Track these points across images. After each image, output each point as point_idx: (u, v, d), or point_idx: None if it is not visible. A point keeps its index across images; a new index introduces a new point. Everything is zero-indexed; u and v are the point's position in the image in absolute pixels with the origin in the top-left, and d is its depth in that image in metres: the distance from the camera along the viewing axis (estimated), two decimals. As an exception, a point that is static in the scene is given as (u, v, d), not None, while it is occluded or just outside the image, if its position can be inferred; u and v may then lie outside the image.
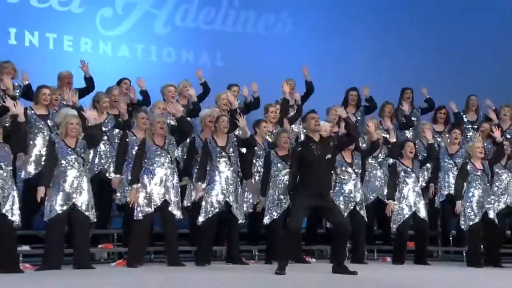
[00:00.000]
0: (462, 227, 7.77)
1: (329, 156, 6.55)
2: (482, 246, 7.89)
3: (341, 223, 6.59)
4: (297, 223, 6.56)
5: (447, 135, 8.90)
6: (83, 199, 6.67)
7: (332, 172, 7.17)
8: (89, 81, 8.25)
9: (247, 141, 7.57)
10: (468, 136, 8.98)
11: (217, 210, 7.18)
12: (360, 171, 7.88)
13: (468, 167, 7.75)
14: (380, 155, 8.42)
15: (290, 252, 6.84)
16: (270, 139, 8.05)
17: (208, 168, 7.33)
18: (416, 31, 11.21)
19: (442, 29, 11.33)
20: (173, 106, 7.58)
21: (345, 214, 7.50)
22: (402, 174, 7.91)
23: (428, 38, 11.26)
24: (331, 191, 7.13)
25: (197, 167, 7.41)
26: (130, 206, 6.99)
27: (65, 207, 6.60)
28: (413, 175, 7.95)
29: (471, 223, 7.63)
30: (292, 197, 6.69)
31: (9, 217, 6.33)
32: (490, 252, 7.81)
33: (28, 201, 7.08)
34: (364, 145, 8.51)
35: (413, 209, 7.83)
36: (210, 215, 7.18)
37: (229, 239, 7.49)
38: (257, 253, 7.97)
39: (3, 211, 6.31)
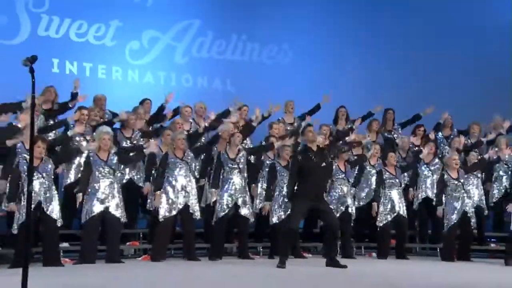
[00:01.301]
0: (445, 228, 7.71)
1: (324, 164, 6.59)
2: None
3: (333, 224, 6.58)
4: (296, 223, 6.58)
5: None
6: (114, 203, 6.70)
7: (329, 178, 7.17)
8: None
9: (259, 149, 7.77)
10: (444, 151, 8.94)
11: (227, 211, 7.20)
12: (351, 179, 7.92)
13: (445, 177, 7.77)
14: (377, 164, 8.42)
15: (290, 249, 6.85)
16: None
17: (221, 176, 7.36)
18: (401, 57, 11.08)
19: (429, 54, 11.14)
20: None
21: (338, 214, 7.52)
22: (387, 180, 7.93)
23: (411, 64, 11.10)
24: (325, 195, 7.16)
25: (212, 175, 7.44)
26: (153, 208, 7.04)
27: (99, 210, 6.64)
28: (397, 180, 7.96)
29: (450, 224, 7.62)
30: (293, 200, 6.71)
31: (53, 218, 6.39)
32: (463, 248, 7.79)
33: (68, 205, 7.10)
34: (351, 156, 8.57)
35: (396, 210, 7.84)
36: (221, 216, 7.20)
37: (240, 238, 7.49)
38: (261, 249, 7.95)
39: (48, 212, 6.37)
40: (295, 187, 6.58)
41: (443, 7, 11.06)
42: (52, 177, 6.57)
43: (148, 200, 7.53)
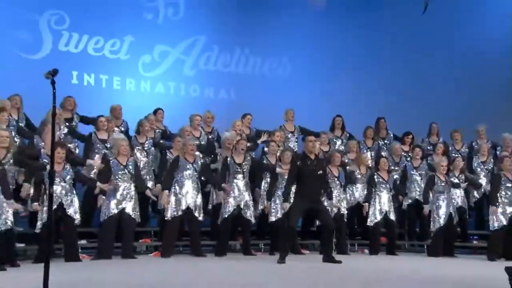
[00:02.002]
0: (432, 229, 7.70)
1: (320, 172, 6.64)
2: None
3: (329, 223, 6.63)
4: (295, 222, 6.61)
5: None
6: (131, 205, 6.74)
7: (324, 183, 7.16)
8: None
9: (262, 166, 7.72)
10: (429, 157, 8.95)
11: (231, 212, 7.21)
12: (343, 183, 7.94)
13: (435, 179, 7.76)
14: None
15: (289, 246, 6.85)
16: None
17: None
18: (392, 69, 10.99)
19: (421, 66, 11.00)
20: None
21: (332, 215, 7.51)
22: (379, 184, 7.93)
23: (402, 75, 11.00)
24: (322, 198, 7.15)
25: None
26: (163, 207, 7.04)
27: (116, 211, 6.67)
28: (388, 185, 7.96)
29: (438, 225, 7.62)
30: (292, 200, 6.71)
31: (72, 218, 6.41)
32: (448, 245, 7.79)
33: (87, 205, 7.13)
34: (347, 160, 8.52)
35: (384, 212, 7.83)
36: (225, 216, 7.21)
37: (243, 236, 7.50)
38: (263, 246, 7.96)
39: (69, 213, 6.39)
40: (293, 189, 6.62)
41: (435, 22, 10.94)
42: (72, 181, 6.59)
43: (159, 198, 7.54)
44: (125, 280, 5.14)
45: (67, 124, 7.60)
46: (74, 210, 6.42)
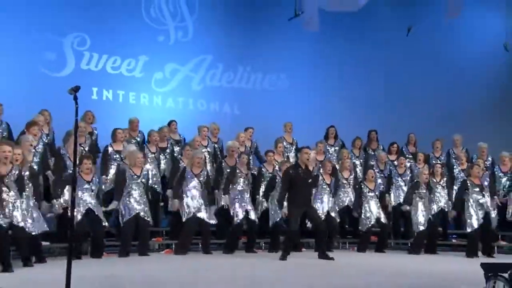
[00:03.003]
0: (414, 229, 7.72)
1: (310, 180, 6.74)
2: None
3: (320, 225, 6.72)
4: (295, 225, 6.72)
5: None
6: (145, 210, 6.80)
7: (313, 189, 7.21)
8: None
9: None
10: (408, 164, 8.96)
11: (241, 218, 7.29)
12: (333, 190, 8.00)
13: (420, 185, 7.80)
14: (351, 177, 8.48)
15: (290, 246, 6.88)
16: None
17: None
18: (384, 81, 11.02)
19: (408, 79, 10.99)
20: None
21: (323, 217, 7.56)
22: (367, 192, 7.95)
23: (391, 88, 10.97)
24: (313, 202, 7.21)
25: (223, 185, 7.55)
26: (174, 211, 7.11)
27: (133, 216, 6.71)
28: (375, 193, 7.99)
29: (419, 226, 7.66)
30: (288, 207, 6.79)
31: (102, 219, 6.45)
32: (431, 243, 7.82)
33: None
34: (338, 166, 8.56)
35: (376, 217, 7.86)
36: (237, 223, 7.26)
37: (249, 235, 7.54)
38: (263, 244, 8.01)
39: (98, 216, 6.43)
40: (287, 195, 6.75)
41: (426, 35, 10.87)
42: (98, 186, 6.66)
43: (169, 204, 7.59)
44: (154, 276, 5.19)
45: (87, 136, 7.63)
46: (103, 214, 6.48)
